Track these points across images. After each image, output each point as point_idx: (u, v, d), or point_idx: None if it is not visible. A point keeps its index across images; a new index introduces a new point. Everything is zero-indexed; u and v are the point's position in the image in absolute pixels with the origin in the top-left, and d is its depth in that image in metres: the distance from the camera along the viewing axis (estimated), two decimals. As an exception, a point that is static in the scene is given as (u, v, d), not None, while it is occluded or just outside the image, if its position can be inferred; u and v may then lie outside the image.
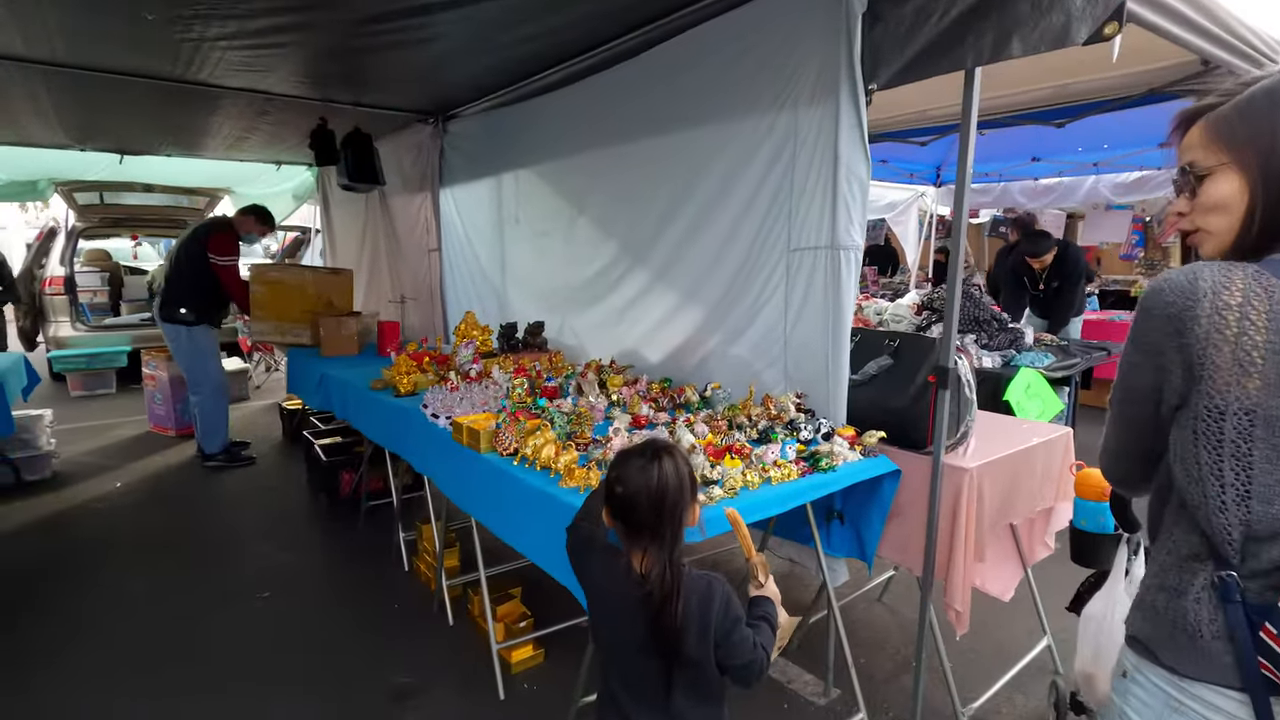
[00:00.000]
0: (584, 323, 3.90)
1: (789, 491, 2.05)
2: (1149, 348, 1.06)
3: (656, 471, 1.44)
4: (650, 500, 1.43)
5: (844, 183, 2.38)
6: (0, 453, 4.76)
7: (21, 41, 3.27)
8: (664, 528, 1.44)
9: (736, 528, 1.69)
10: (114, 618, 3.19)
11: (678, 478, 1.45)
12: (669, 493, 1.44)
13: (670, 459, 1.46)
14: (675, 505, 1.45)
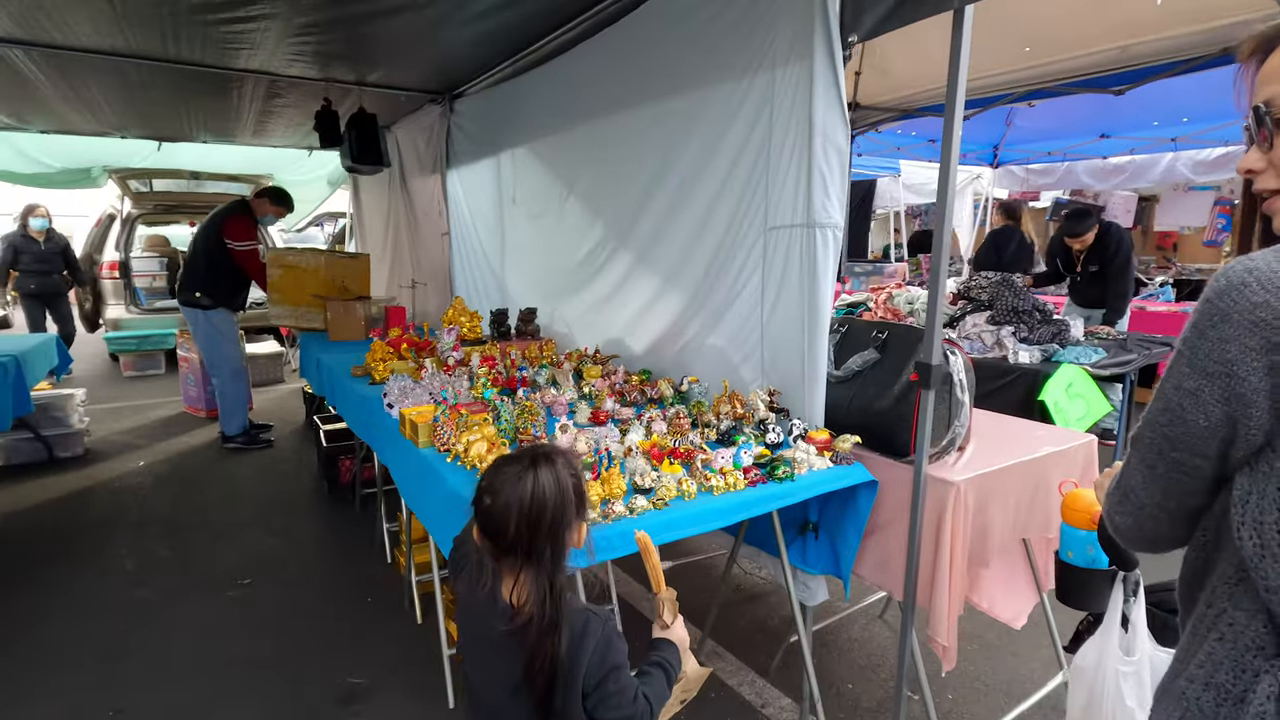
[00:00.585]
0: (573, 309, 3.71)
1: (730, 505, 1.80)
2: (1219, 369, 0.77)
3: (531, 482, 1.21)
4: (523, 515, 1.20)
5: (820, 152, 2.09)
6: (34, 430, 4.96)
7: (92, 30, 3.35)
8: (541, 548, 1.22)
9: (645, 554, 1.45)
10: (94, 598, 3.21)
11: (557, 489, 1.23)
12: (547, 507, 1.21)
13: (549, 467, 1.24)
14: (555, 522, 1.22)
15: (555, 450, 1.29)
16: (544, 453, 1.27)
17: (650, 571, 1.44)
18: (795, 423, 2.21)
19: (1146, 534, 0.95)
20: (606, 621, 1.29)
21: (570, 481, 1.26)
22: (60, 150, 6.66)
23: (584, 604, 1.30)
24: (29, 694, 2.56)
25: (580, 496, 1.28)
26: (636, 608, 3.18)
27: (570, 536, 1.26)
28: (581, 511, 1.29)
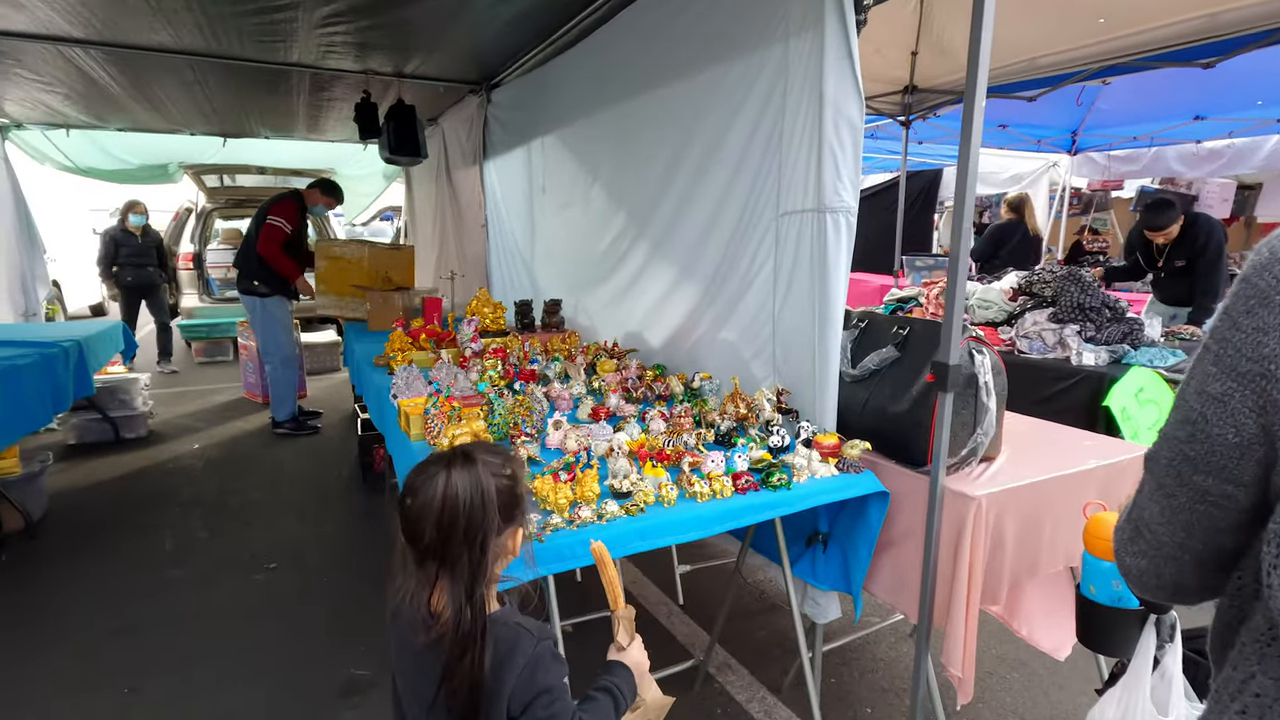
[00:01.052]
0: (596, 301, 3.60)
1: (712, 514, 1.65)
2: (1254, 367, 0.62)
3: (443, 483, 1.10)
4: (437, 518, 1.10)
5: (831, 128, 1.90)
6: (102, 411, 5.25)
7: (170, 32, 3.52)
8: (455, 554, 1.11)
9: (600, 566, 1.32)
10: (130, 576, 3.33)
11: (474, 491, 1.11)
12: (461, 510, 1.10)
13: (466, 468, 1.13)
14: (471, 527, 1.11)
15: (483, 449, 1.18)
16: (463, 452, 1.16)
17: (606, 585, 1.31)
18: (803, 425, 2.03)
19: (1166, 581, 0.76)
20: (541, 640, 1.17)
21: (495, 484, 1.14)
22: (138, 147, 7.05)
23: (518, 619, 1.19)
24: (51, 664, 2.66)
25: (511, 501, 1.16)
26: (652, 613, 3.06)
27: (495, 544, 1.14)
28: (513, 517, 1.17)
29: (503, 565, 1.18)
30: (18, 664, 2.66)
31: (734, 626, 2.92)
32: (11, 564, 3.45)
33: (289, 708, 2.45)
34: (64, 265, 9.42)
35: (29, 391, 3.56)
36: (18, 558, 3.51)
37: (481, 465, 1.13)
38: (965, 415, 1.83)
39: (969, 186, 1.59)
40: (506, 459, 1.18)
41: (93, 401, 5.12)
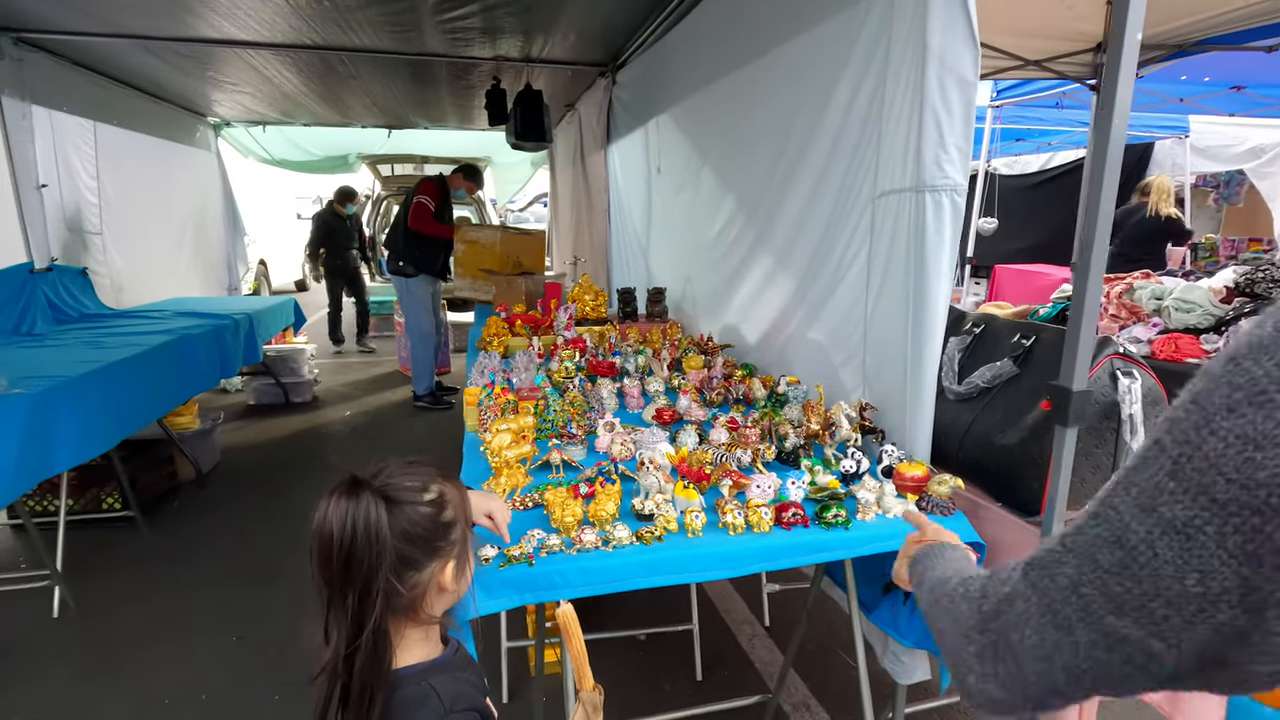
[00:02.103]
0: (704, 289, 3.36)
1: (742, 552, 1.39)
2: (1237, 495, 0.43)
3: (320, 513, 0.95)
4: (311, 552, 0.96)
5: (935, 86, 1.53)
6: (276, 378, 5.91)
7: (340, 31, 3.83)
8: (337, 595, 0.95)
9: (567, 639, 1.10)
10: (269, 529, 3.66)
11: (353, 526, 0.93)
12: (336, 547, 0.93)
13: (350, 498, 0.94)
14: (351, 566, 0.94)
15: (398, 471, 1.01)
16: (352, 479, 0.97)
17: (571, 659, 1.09)
18: (887, 449, 1.69)
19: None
20: (449, 713, 0.97)
21: (405, 514, 0.96)
22: (321, 140, 7.84)
23: (434, 680, 0.99)
24: (190, 603, 2.97)
25: (432, 532, 0.99)
26: (734, 632, 2.82)
27: (396, 578, 0.96)
28: (435, 550, 0.99)
29: (439, 603, 1.02)
30: (168, 600, 3.00)
31: (821, 662, 2.61)
32: (182, 509, 3.94)
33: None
34: (269, 246, 10.74)
35: (200, 357, 4.03)
36: (187, 504, 4.01)
37: (382, 493, 0.96)
38: (1099, 456, 1.41)
39: (1109, 161, 1.18)
40: (429, 483, 1.01)
41: (268, 368, 5.77)
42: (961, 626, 0.64)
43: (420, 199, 5.43)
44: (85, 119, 4.71)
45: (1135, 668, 0.50)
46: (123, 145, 5.16)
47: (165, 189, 5.95)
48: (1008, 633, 0.58)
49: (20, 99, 3.98)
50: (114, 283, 4.99)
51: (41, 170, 4.16)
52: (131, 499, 3.55)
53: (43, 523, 3.22)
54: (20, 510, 2.89)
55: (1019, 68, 4.74)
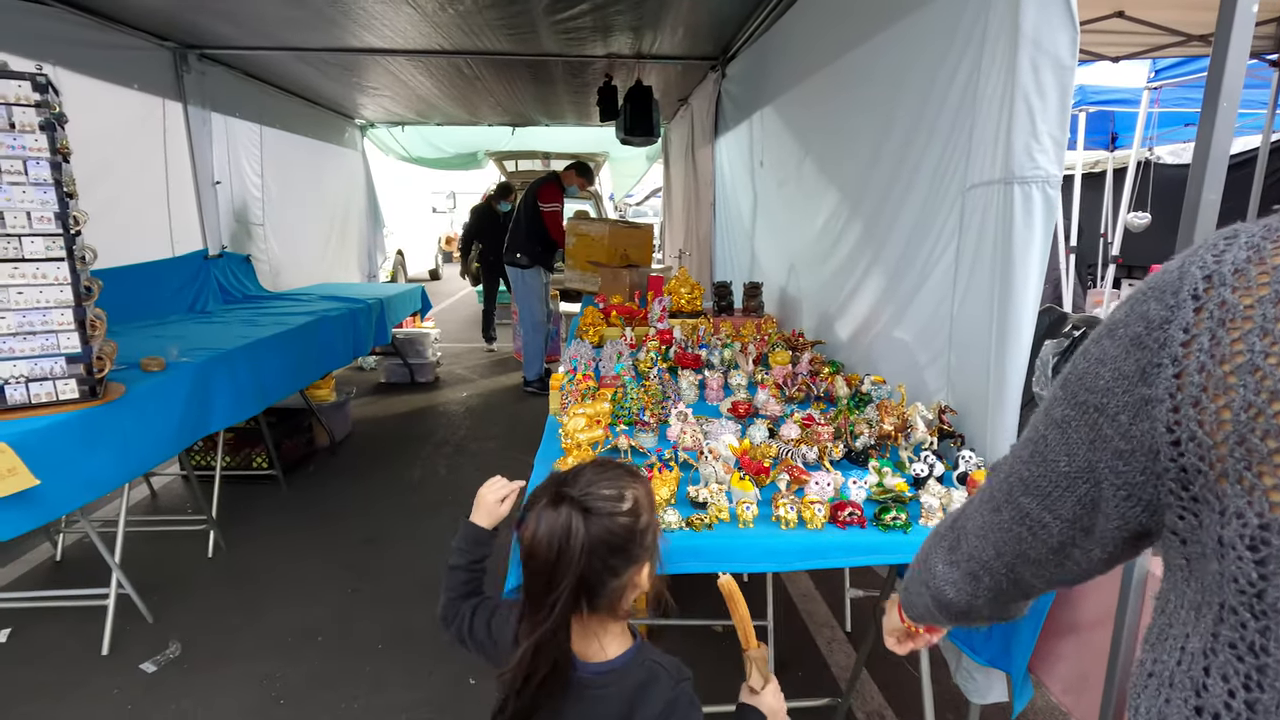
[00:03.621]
0: (805, 286, 3.30)
1: (790, 546, 1.38)
2: (1088, 399, 0.59)
3: (533, 524, 1.01)
4: (526, 559, 1.02)
5: (1028, 70, 1.43)
6: (404, 358, 6.42)
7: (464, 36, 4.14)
8: (549, 592, 1.00)
9: (731, 603, 1.15)
10: (386, 493, 4.02)
11: (561, 536, 0.98)
12: (549, 553, 0.99)
13: (559, 509, 0.99)
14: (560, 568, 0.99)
15: (597, 480, 1.04)
16: (562, 493, 1.02)
17: (736, 624, 1.15)
18: (965, 455, 1.61)
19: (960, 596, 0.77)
20: (680, 681, 1.06)
21: (605, 526, 1.00)
22: (453, 139, 8.38)
23: (655, 657, 1.08)
24: (315, 559, 3.32)
25: (629, 540, 1.02)
26: (814, 635, 2.78)
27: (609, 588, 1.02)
28: (633, 556, 1.03)
29: (632, 598, 1.08)
30: (298, 551, 3.38)
31: (901, 673, 2.51)
32: (316, 473, 4.40)
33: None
34: (406, 238, 11.62)
35: (336, 336, 4.47)
36: (321, 468, 4.47)
37: (583, 505, 1.00)
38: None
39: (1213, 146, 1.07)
40: (625, 490, 1.04)
41: (396, 349, 6.29)
42: (940, 529, 0.81)
43: (551, 207, 5.70)
44: (253, 123, 5.34)
45: (1035, 538, 0.66)
46: (284, 146, 5.79)
47: (318, 185, 6.62)
48: (965, 522, 0.75)
49: (202, 107, 4.58)
50: (272, 268, 5.62)
51: (216, 169, 4.78)
52: (275, 460, 4.01)
53: (203, 475, 3.73)
54: (186, 464, 3.36)
55: (1181, 44, 4.24)
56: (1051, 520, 0.64)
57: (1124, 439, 0.56)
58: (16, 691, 2.38)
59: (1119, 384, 0.55)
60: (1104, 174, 7.03)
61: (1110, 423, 0.56)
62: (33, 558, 3.26)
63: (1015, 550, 0.68)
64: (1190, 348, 0.50)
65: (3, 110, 1.96)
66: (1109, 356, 0.56)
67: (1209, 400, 0.48)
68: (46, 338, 2.13)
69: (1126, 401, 0.55)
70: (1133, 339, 0.54)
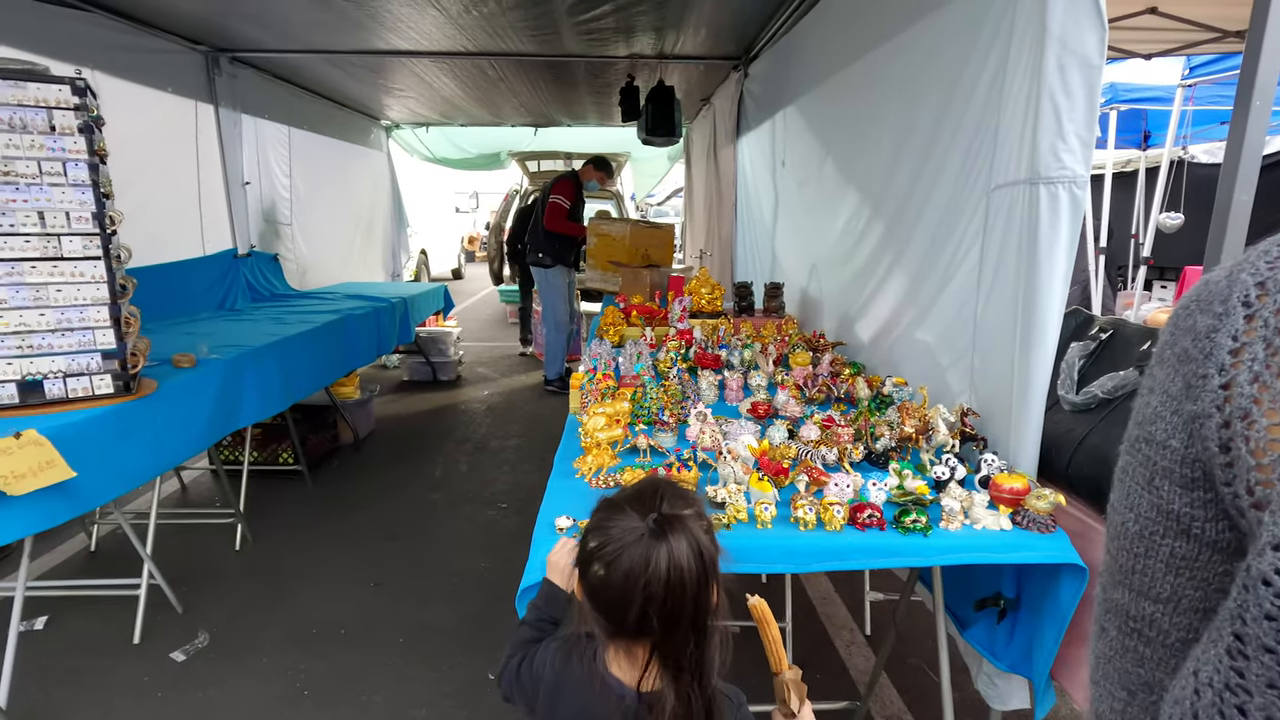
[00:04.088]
0: (826, 286, 3.28)
1: (807, 547, 1.38)
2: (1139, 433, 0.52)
3: (665, 555, 0.90)
4: (661, 599, 0.91)
5: (1054, 69, 1.41)
6: (426, 356, 6.49)
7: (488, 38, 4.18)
8: (684, 640, 0.94)
9: (762, 626, 1.14)
10: (406, 490, 4.07)
11: (696, 561, 0.91)
12: (688, 589, 0.91)
13: (683, 533, 0.92)
14: (700, 608, 0.93)
15: (677, 498, 0.99)
16: (670, 515, 0.95)
17: (768, 646, 1.15)
18: (987, 459, 1.59)
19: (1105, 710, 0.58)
20: (741, 705, 1.07)
21: (707, 542, 0.96)
22: (476, 139, 8.45)
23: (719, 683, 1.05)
24: (337, 552, 3.38)
25: (717, 554, 0.99)
26: (832, 638, 2.76)
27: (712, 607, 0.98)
28: (715, 573, 0.98)
29: None
30: (323, 545, 3.44)
31: (921, 678, 2.49)
32: (340, 469, 4.47)
33: (472, 636, 2.75)
34: (429, 237, 11.74)
35: (360, 335, 4.53)
36: (344, 464, 4.54)
37: (692, 523, 0.95)
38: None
39: (1246, 146, 1.05)
40: (697, 507, 1.00)
41: (419, 347, 6.36)
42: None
43: (556, 199, 5.71)
44: (282, 124, 5.44)
45: (1152, 648, 0.51)
46: (311, 147, 5.89)
47: (344, 185, 6.72)
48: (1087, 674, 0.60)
49: (233, 109, 4.68)
50: (299, 267, 5.72)
51: (246, 169, 4.87)
52: (301, 456, 4.08)
53: (231, 470, 3.80)
54: (215, 458, 3.44)
55: (1216, 40, 4.14)
56: (1153, 609, 0.50)
57: (1185, 465, 0.47)
58: (53, 677, 2.45)
59: (1166, 405, 0.49)
60: (1135, 173, 6.88)
61: (1161, 451, 0.48)
62: (68, 548, 3.35)
63: (1140, 678, 0.52)
64: (1240, 356, 0.45)
65: (44, 113, 2.02)
66: (1157, 382, 0.50)
67: (1260, 414, 0.43)
68: (83, 334, 2.20)
69: (1175, 424, 0.48)
70: (1179, 355, 0.49)
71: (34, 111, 2.01)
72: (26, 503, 1.86)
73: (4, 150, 1.99)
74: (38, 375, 2.14)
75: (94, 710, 2.31)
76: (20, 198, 2.03)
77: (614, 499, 1.01)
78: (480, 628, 2.79)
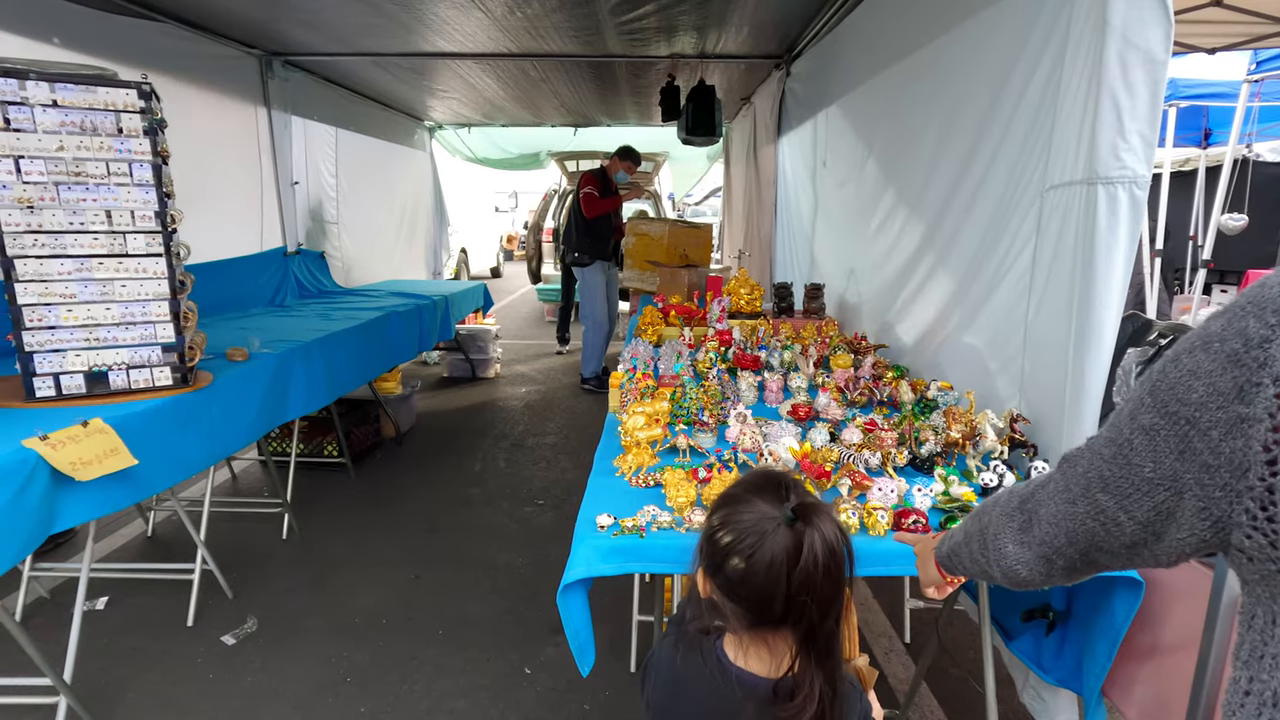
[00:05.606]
0: (866, 288, 3.24)
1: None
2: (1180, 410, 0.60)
3: (818, 540, 0.89)
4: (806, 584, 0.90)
5: (1115, 65, 1.37)
6: (465, 354, 6.59)
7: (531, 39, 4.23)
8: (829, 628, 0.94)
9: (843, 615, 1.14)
10: (448, 484, 4.14)
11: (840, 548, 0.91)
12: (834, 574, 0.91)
13: (827, 519, 0.92)
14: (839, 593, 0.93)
15: (800, 488, 0.97)
16: (811, 504, 0.93)
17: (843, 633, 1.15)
18: (1037, 466, 1.55)
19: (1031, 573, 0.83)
20: (863, 696, 1.08)
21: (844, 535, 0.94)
22: (517, 139, 8.54)
23: None
24: (379, 542, 3.46)
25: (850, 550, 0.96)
26: (870, 645, 2.72)
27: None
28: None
29: None
30: (365, 536, 3.53)
31: (963, 689, 2.44)
32: (383, 461, 4.57)
33: (508, 630, 2.79)
34: (470, 236, 11.91)
35: (403, 331, 4.62)
36: (387, 457, 4.64)
37: (826, 516, 0.92)
38: None
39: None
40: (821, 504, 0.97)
41: (459, 344, 6.46)
42: (1007, 509, 0.85)
43: (585, 190, 5.78)
44: (329, 126, 5.58)
45: (1109, 534, 0.69)
46: (357, 147, 6.03)
47: (388, 185, 6.86)
48: (1038, 508, 0.79)
49: (284, 111, 4.82)
50: (345, 265, 5.86)
51: (295, 170, 5.01)
52: (345, 448, 4.18)
53: (279, 461, 3.92)
54: (264, 449, 3.55)
55: (1286, 34, 3.96)
56: (1126, 520, 0.67)
57: (1213, 454, 0.57)
58: (112, 656, 2.56)
59: (1213, 399, 0.56)
60: (1195, 173, 6.61)
61: (1201, 437, 0.57)
62: (127, 532, 3.50)
63: (1089, 541, 0.72)
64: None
65: (112, 116, 2.11)
66: (1203, 370, 0.57)
67: None
68: (145, 328, 2.29)
69: (1220, 418, 0.55)
70: (1229, 355, 0.55)
71: (103, 115, 2.11)
72: (92, 488, 1.94)
73: (76, 152, 2.08)
74: (103, 367, 2.24)
75: (150, 688, 2.41)
76: (90, 197, 2.12)
77: (733, 493, 0.99)
78: (516, 622, 2.82)
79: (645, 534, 1.40)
